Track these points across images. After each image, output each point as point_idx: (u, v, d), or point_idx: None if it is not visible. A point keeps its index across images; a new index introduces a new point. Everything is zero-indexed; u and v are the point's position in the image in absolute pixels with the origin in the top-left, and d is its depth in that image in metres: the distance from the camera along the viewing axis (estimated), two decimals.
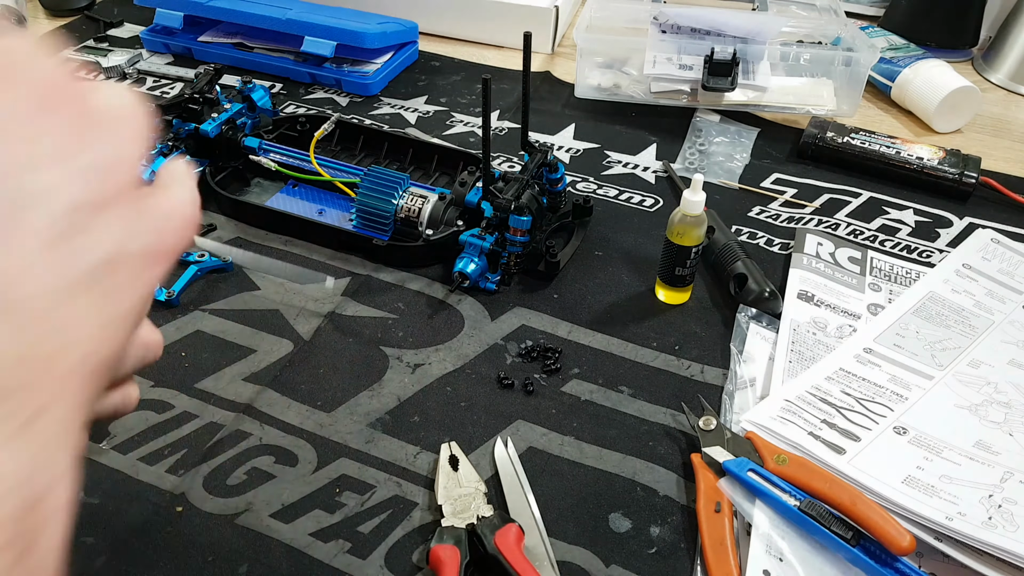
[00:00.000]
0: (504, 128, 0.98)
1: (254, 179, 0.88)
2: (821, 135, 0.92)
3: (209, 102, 0.86)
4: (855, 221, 0.84)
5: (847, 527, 0.52)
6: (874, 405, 0.62)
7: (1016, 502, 0.54)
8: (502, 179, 0.76)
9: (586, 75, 1.01)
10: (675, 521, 0.57)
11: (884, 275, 0.76)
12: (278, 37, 1.07)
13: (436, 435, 0.62)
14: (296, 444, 0.61)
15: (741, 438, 0.59)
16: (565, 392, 0.66)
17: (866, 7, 1.23)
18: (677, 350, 0.69)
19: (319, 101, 1.03)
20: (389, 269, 0.77)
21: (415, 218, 0.77)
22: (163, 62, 1.10)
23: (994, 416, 0.61)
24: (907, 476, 0.56)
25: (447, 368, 0.67)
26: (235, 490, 0.58)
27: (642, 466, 0.60)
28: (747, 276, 0.72)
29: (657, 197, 0.87)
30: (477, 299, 0.74)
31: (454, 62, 1.12)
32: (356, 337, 0.70)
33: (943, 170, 0.87)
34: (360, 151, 0.92)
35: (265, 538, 0.55)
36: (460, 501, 0.56)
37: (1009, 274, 0.76)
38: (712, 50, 0.94)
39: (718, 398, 0.65)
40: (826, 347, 0.68)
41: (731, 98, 0.98)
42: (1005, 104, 1.06)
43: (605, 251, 0.79)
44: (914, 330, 0.69)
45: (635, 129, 0.98)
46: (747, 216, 0.84)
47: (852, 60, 0.95)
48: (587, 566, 0.54)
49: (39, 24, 1.19)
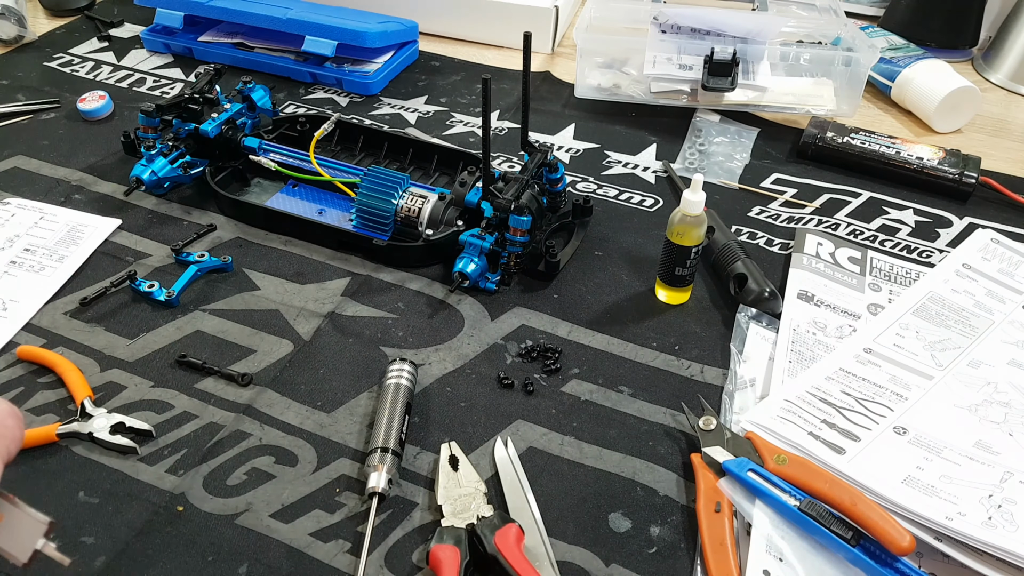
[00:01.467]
0: (504, 128, 0.98)
1: (254, 179, 0.88)
2: (821, 135, 0.92)
3: (209, 102, 0.86)
4: (855, 221, 0.84)
5: (847, 527, 0.52)
6: (874, 405, 0.62)
7: (1016, 502, 0.54)
8: (502, 179, 0.76)
9: (586, 75, 1.01)
10: (675, 521, 0.57)
11: (884, 275, 0.76)
12: (279, 37, 1.07)
13: (436, 435, 0.62)
14: (296, 444, 0.61)
15: (741, 438, 0.59)
16: (565, 392, 0.66)
17: (866, 7, 1.23)
18: (677, 350, 0.69)
19: (319, 101, 1.03)
20: (389, 269, 0.77)
21: (415, 218, 0.77)
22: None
23: (994, 416, 0.61)
24: (907, 476, 0.56)
25: (447, 368, 0.67)
26: (235, 490, 0.58)
27: (642, 466, 0.60)
28: (747, 276, 0.72)
29: (657, 197, 0.87)
30: (477, 299, 0.74)
31: (454, 62, 1.12)
32: (356, 337, 0.70)
33: (943, 170, 0.87)
34: (360, 151, 0.92)
35: (265, 538, 0.55)
36: (460, 501, 0.56)
37: (1009, 274, 0.76)
38: (712, 50, 0.94)
39: (718, 398, 0.65)
40: (826, 347, 0.68)
41: (731, 98, 0.98)
42: (1005, 104, 1.06)
43: (605, 251, 0.79)
44: (914, 330, 0.69)
45: (635, 129, 0.98)
46: (747, 216, 0.84)
47: (852, 60, 0.95)
48: (587, 566, 0.54)
49: (39, 24, 1.19)
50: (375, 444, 0.59)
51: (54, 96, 1.01)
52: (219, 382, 0.66)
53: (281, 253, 0.79)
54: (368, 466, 0.58)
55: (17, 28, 1.11)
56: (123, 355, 0.68)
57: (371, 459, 0.58)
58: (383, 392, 0.63)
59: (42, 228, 0.80)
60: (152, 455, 0.60)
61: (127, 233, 0.81)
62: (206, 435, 0.62)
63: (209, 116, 0.84)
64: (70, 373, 0.65)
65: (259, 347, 0.69)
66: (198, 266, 0.75)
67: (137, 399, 0.64)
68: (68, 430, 0.60)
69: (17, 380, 0.66)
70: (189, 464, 0.60)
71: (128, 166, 0.86)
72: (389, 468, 0.57)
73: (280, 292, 0.74)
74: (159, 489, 0.58)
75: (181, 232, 0.80)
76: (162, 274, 0.75)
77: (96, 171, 0.89)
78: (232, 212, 0.83)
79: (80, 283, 0.75)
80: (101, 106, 0.97)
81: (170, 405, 0.64)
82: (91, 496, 0.57)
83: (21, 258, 0.77)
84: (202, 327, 0.71)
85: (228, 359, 0.68)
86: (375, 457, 0.58)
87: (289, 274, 0.76)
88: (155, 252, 0.78)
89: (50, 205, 0.83)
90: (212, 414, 0.63)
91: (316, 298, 0.74)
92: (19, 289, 0.73)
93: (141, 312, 0.72)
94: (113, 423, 0.61)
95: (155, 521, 0.56)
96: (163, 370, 0.67)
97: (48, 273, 0.75)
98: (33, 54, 1.11)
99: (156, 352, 0.68)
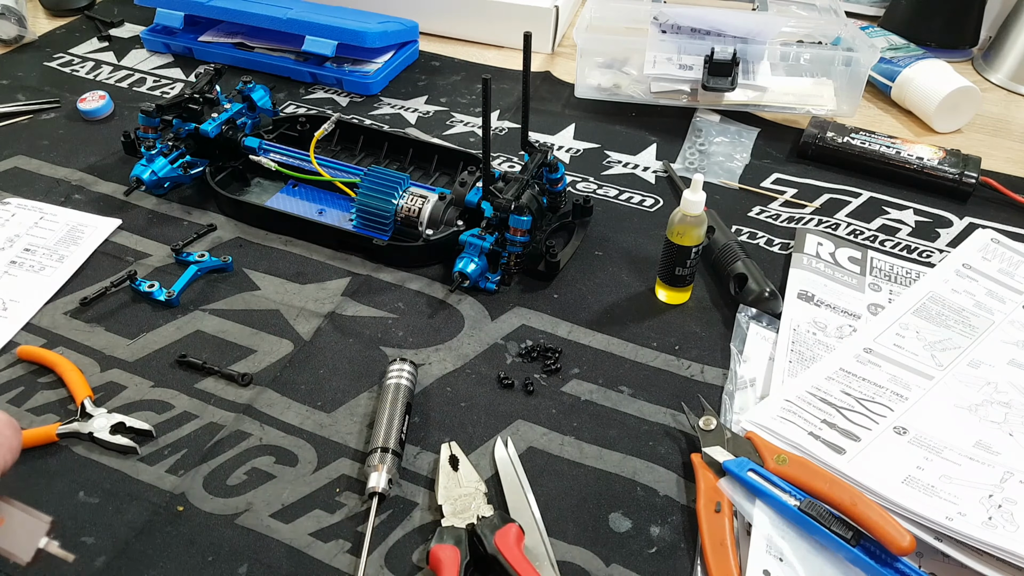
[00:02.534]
0: (504, 128, 0.98)
1: (254, 179, 0.88)
2: (821, 135, 0.92)
3: (209, 102, 0.86)
4: (855, 221, 0.84)
5: (847, 527, 0.52)
6: (874, 405, 0.62)
7: (1016, 502, 0.54)
8: (502, 179, 0.76)
9: (586, 75, 1.01)
10: (675, 521, 0.57)
11: (884, 275, 0.76)
12: (279, 37, 1.07)
13: (436, 435, 0.62)
14: (296, 444, 0.61)
15: (741, 438, 0.59)
16: (565, 392, 0.66)
17: (866, 7, 1.23)
18: (677, 350, 0.69)
19: (319, 101, 1.03)
20: (389, 269, 0.77)
21: (415, 218, 0.77)
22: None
23: (994, 416, 0.61)
24: (907, 476, 0.56)
25: (447, 368, 0.67)
26: (235, 490, 0.58)
27: (642, 466, 0.60)
28: (747, 276, 0.72)
29: (657, 197, 0.87)
30: (477, 299, 0.74)
31: (454, 62, 1.12)
32: (356, 337, 0.70)
33: (943, 170, 0.87)
34: (360, 151, 0.92)
35: (265, 538, 0.55)
36: (460, 501, 0.56)
37: (1009, 274, 0.76)
38: (712, 50, 0.94)
39: (718, 398, 0.65)
40: (826, 347, 0.68)
41: (731, 98, 0.98)
42: (1005, 104, 1.06)
43: (605, 251, 0.79)
44: (914, 330, 0.69)
45: (635, 129, 0.98)
46: (747, 216, 0.84)
47: (852, 60, 0.95)
48: (587, 566, 0.54)
49: (39, 24, 1.19)
50: (375, 444, 0.59)
51: (54, 96, 1.01)
52: (219, 382, 0.66)
53: (281, 253, 0.79)
54: (368, 466, 0.58)
55: (17, 28, 1.11)
56: (123, 355, 0.68)
57: (371, 459, 0.58)
58: (383, 392, 0.63)
59: (42, 228, 0.80)
60: (152, 455, 0.60)
61: (127, 233, 0.81)
62: (206, 435, 0.62)
63: (209, 116, 0.84)
64: (70, 373, 0.65)
65: (259, 347, 0.69)
66: (198, 266, 0.75)
67: (137, 399, 0.64)
68: (68, 430, 0.60)
69: (17, 380, 0.66)
70: (189, 464, 0.60)
71: (128, 166, 0.86)
72: (389, 468, 0.57)
73: (280, 292, 0.74)
74: (159, 489, 0.58)
75: (181, 232, 0.80)
76: (162, 274, 0.75)
77: (96, 171, 0.89)
78: (232, 212, 0.83)
79: (80, 283, 0.75)
80: (101, 106, 0.97)
81: (170, 405, 0.64)
82: (91, 496, 0.57)
83: (21, 258, 0.77)
84: (202, 327, 0.71)
85: (228, 359, 0.68)
86: (375, 457, 0.58)
87: (289, 274, 0.76)
88: (155, 252, 0.78)
89: (50, 205, 0.83)
90: (212, 414, 0.63)
91: (316, 298, 0.74)
92: (19, 289, 0.73)
93: (141, 312, 0.72)
94: (113, 423, 0.61)
95: (155, 521, 0.56)
96: (163, 370, 0.67)
97: (48, 273, 0.75)
98: (33, 54, 1.11)
99: (156, 352, 0.68)
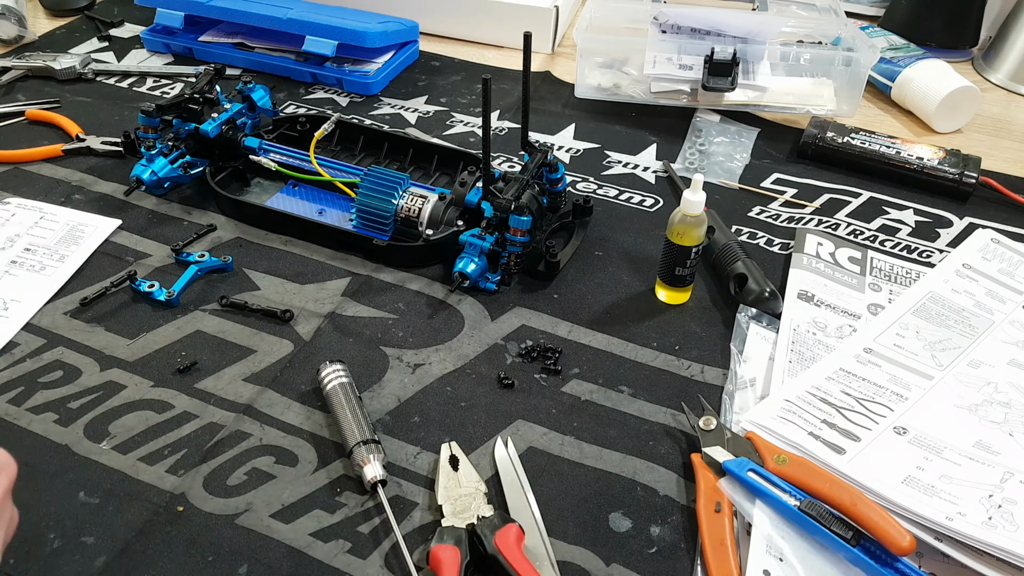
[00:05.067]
0: (504, 128, 0.98)
1: (254, 179, 0.88)
2: (821, 135, 0.92)
3: (209, 102, 0.86)
4: (855, 221, 0.84)
5: (847, 527, 0.52)
6: (874, 405, 0.62)
7: (1016, 502, 0.54)
8: (502, 179, 0.76)
9: (586, 75, 1.01)
10: (675, 521, 0.57)
11: (884, 275, 0.76)
12: (279, 37, 1.07)
13: (436, 435, 0.62)
14: (296, 444, 0.61)
15: (741, 438, 0.59)
16: (565, 392, 0.66)
17: (866, 7, 1.23)
18: (677, 350, 0.69)
19: (319, 101, 1.03)
20: (389, 269, 0.77)
21: (415, 218, 0.77)
22: (137, 60, 1.10)
23: (994, 416, 0.61)
24: (907, 476, 0.56)
25: (447, 368, 0.67)
26: (235, 490, 0.58)
27: (642, 466, 0.60)
28: (747, 276, 0.72)
29: (657, 197, 0.87)
30: (477, 299, 0.74)
31: (454, 62, 1.12)
32: (356, 337, 0.70)
33: (943, 170, 0.87)
34: (360, 151, 0.92)
35: (265, 538, 0.55)
36: (460, 501, 0.56)
37: (1009, 274, 0.76)
38: (712, 50, 0.94)
39: (718, 398, 0.65)
40: (826, 347, 0.68)
41: (731, 98, 0.98)
42: (1005, 104, 1.06)
43: (605, 251, 0.79)
44: (914, 330, 0.69)
45: (635, 129, 0.98)
46: (747, 216, 0.84)
47: (852, 60, 0.95)
48: (587, 566, 0.54)
49: (39, 24, 1.19)
50: (353, 441, 0.59)
51: (54, 96, 1.01)
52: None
53: (281, 253, 0.79)
54: (357, 463, 0.58)
55: (17, 28, 1.11)
56: (123, 355, 0.68)
57: (357, 455, 0.58)
58: (330, 398, 0.63)
59: (42, 228, 0.80)
60: (152, 455, 0.60)
61: (127, 233, 0.81)
62: (206, 435, 0.62)
63: (209, 116, 0.84)
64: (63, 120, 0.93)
65: (259, 347, 0.69)
66: (198, 266, 0.75)
67: (137, 399, 0.64)
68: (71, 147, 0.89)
69: (17, 380, 0.66)
70: (189, 464, 0.60)
71: (128, 166, 0.86)
72: (378, 456, 0.58)
73: (280, 292, 0.74)
74: (159, 489, 0.58)
75: (181, 232, 0.80)
76: (162, 274, 0.75)
77: (96, 171, 0.89)
78: (232, 212, 0.83)
79: (80, 283, 0.75)
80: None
81: (170, 405, 0.64)
82: (91, 496, 0.57)
83: (21, 258, 0.77)
84: (202, 327, 0.71)
85: (228, 359, 0.68)
86: (360, 452, 0.58)
87: (289, 274, 0.76)
88: (155, 252, 0.78)
89: (50, 205, 0.83)
90: (212, 414, 0.63)
91: (316, 298, 0.74)
92: (19, 289, 0.73)
93: (141, 312, 0.72)
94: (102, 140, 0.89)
95: (155, 521, 0.56)
96: (163, 370, 0.67)
97: (48, 273, 0.75)
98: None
99: (156, 352, 0.68)
